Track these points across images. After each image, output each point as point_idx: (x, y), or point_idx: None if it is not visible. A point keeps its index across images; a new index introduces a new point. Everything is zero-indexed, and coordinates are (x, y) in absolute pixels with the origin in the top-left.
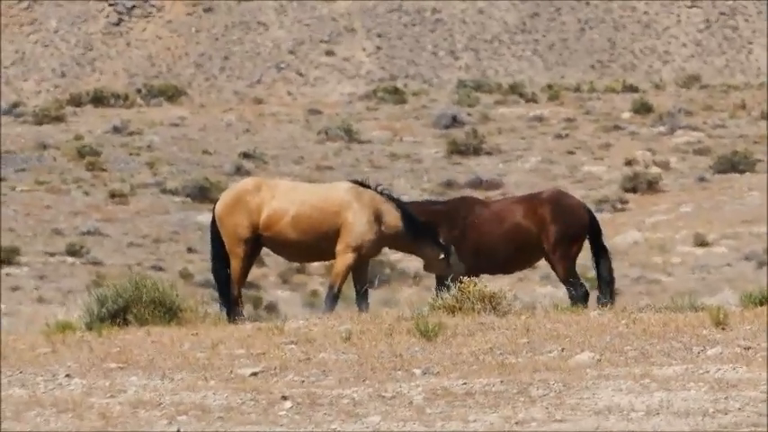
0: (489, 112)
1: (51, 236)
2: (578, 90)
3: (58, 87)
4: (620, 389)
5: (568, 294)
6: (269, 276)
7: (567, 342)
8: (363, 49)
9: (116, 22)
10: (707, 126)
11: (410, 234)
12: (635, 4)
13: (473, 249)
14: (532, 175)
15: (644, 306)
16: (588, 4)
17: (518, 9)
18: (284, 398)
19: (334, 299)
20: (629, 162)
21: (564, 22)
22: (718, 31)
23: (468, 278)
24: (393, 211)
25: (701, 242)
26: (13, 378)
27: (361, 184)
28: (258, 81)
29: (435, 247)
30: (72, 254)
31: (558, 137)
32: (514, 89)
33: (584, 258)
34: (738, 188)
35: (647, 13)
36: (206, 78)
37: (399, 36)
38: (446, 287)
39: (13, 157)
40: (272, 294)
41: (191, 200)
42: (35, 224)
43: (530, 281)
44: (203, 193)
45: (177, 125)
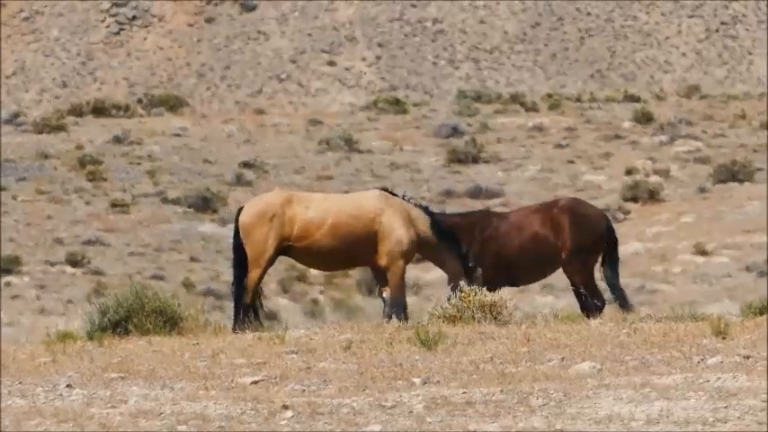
0: (489, 121)
1: (52, 245)
2: (579, 99)
3: (58, 98)
4: (620, 398)
5: (580, 305)
6: (269, 284)
7: (568, 351)
8: (364, 59)
9: (117, 32)
10: (707, 135)
11: (438, 241)
12: (636, 13)
13: (493, 263)
14: (532, 185)
15: (644, 316)
16: (589, 14)
17: (519, 19)
18: (285, 407)
19: (402, 308)
20: (629, 171)
21: (565, 32)
22: (719, 40)
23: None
24: (422, 216)
25: (701, 252)
26: (14, 388)
27: (387, 191)
28: (259, 91)
29: (459, 258)
30: (73, 263)
31: (559, 146)
32: (515, 99)
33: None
34: (738, 198)
35: (647, 23)
36: (207, 88)
37: (400, 46)
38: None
39: (13, 167)
40: (272, 302)
41: (192, 210)
42: (36, 234)
43: (530, 290)
44: (205, 203)
45: (179, 135)
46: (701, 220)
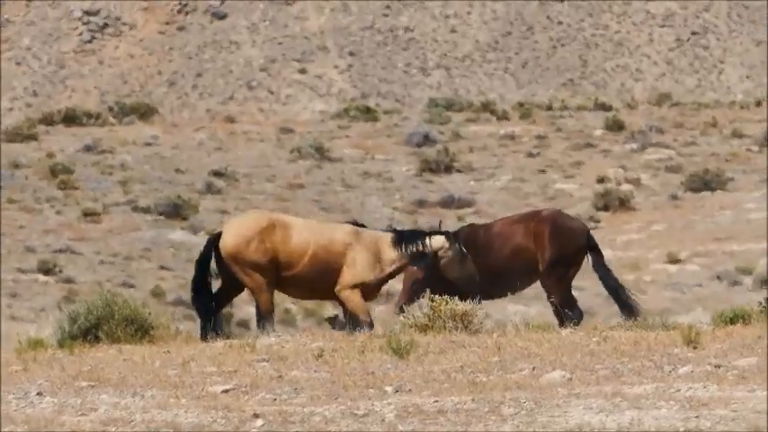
0: (461, 129)
1: (24, 253)
2: (550, 108)
3: (30, 106)
4: (591, 407)
5: (558, 320)
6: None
7: (539, 360)
8: (335, 67)
9: (89, 41)
10: (678, 144)
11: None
12: (607, 22)
13: (482, 275)
14: (504, 194)
15: (615, 324)
16: (560, 23)
17: (490, 28)
18: (256, 416)
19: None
20: (600, 180)
21: (536, 41)
22: (690, 49)
23: (480, 302)
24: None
25: (673, 260)
26: None
27: (356, 224)
28: (230, 98)
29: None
30: (44, 272)
31: (530, 155)
32: (486, 107)
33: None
34: (710, 206)
35: (618, 32)
36: (178, 97)
37: (371, 54)
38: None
39: None
40: (243, 311)
41: (163, 217)
42: (8, 242)
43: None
44: (176, 211)
45: (150, 144)
46: (672, 228)
